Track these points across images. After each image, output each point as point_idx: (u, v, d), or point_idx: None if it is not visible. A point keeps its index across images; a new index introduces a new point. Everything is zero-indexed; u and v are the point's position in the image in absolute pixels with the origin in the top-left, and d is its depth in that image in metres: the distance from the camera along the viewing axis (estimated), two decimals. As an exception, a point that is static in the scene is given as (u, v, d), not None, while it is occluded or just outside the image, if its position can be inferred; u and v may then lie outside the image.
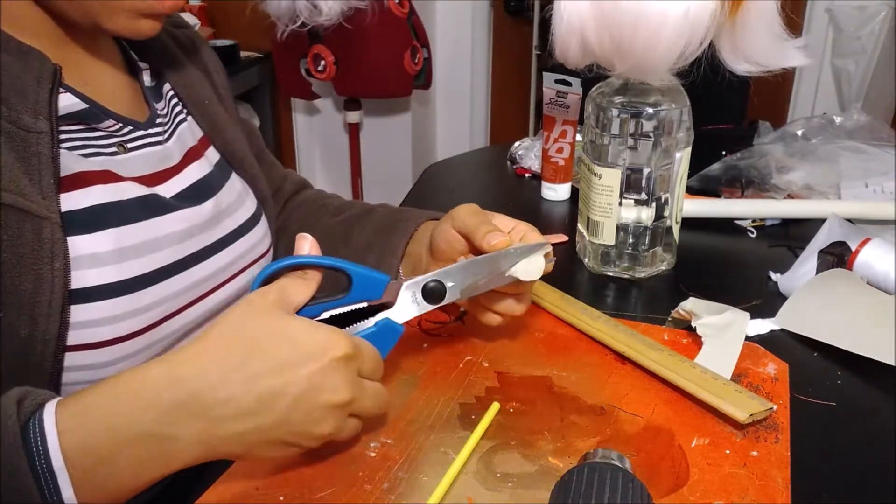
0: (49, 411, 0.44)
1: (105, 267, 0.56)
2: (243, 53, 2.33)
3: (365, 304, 0.55)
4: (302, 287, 0.52)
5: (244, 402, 0.46)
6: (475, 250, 0.62)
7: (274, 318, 0.49)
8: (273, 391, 0.46)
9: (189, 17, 2.19)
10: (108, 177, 0.59)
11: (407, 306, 0.57)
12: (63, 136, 0.58)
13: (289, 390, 0.47)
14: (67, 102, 0.58)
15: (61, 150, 0.56)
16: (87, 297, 0.55)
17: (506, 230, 0.63)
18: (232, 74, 2.18)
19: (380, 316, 0.56)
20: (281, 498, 0.51)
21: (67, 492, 0.43)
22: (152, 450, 0.45)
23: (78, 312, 0.54)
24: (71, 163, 0.57)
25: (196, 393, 0.45)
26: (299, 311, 0.52)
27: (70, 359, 0.55)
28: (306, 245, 0.55)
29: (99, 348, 0.55)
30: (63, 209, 0.54)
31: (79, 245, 0.55)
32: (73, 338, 0.54)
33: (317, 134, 2.62)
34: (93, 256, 0.55)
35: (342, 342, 0.49)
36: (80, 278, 0.54)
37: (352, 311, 0.55)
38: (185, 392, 0.45)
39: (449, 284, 0.58)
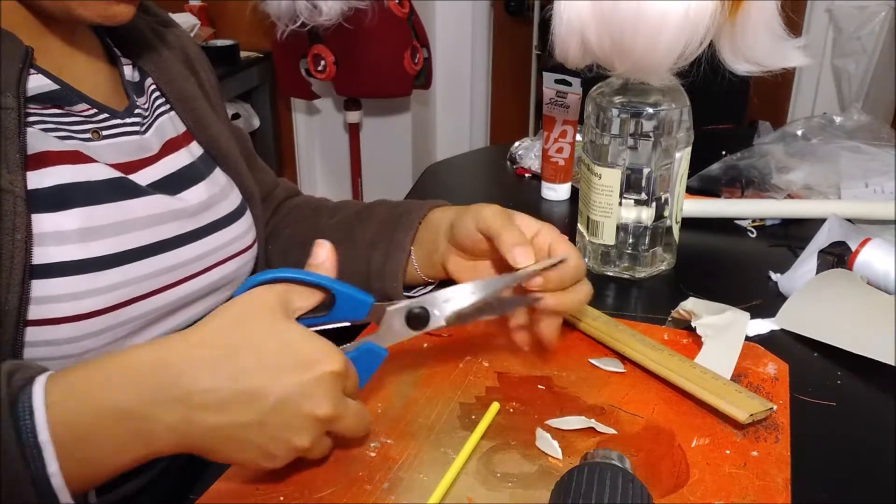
0: (39, 385, 0.44)
1: (68, 245, 0.56)
2: (243, 53, 2.33)
3: (348, 324, 0.54)
4: (306, 294, 0.52)
5: (225, 395, 0.46)
6: (497, 254, 0.61)
7: (273, 320, 0.48)
8: (257, 390, 0.46)
9: (189, 18, 2.19)
10: (77, 157, 0.59)
11: (391, 331, 0.55)
12: (35, 118, 0.57)
13: (273, 392, 0.46)
14: (38, 83, 0.58)
15: (32, 130, 0.56)
16: (48, 273, 0.55)
17: (529, 234, 0.61)
18: (232, 74, 2.21)
19: (362, 339, 0.55)
20: (281, 498, 0.51)
21: (53, 466, 0.43)
22: (131, 429, 0.45)
23: (39, 287, 0.54)
24: (41, 142, 0.57)
25: (179, 377, 0.45)
26: None
27: (31, 333, 0.55)
28: (322, 252, 0.54)
29: (60, 324, 0.55)
30: (30, 187, 0.54)
31: (43, 222, 0.55)
32: (33, 312, 0.54)
33: (317, 134, 2.62)
34: (57, 234, 0.55)
35: (337, 357, 0.49)
36: (43, 254, 0.54)
37: (335, 329, 0.54)
38: (169, 376, 0.45)
39: (435, 312, 0.56)
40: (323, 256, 0.54)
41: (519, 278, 0.58)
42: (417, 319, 0.56)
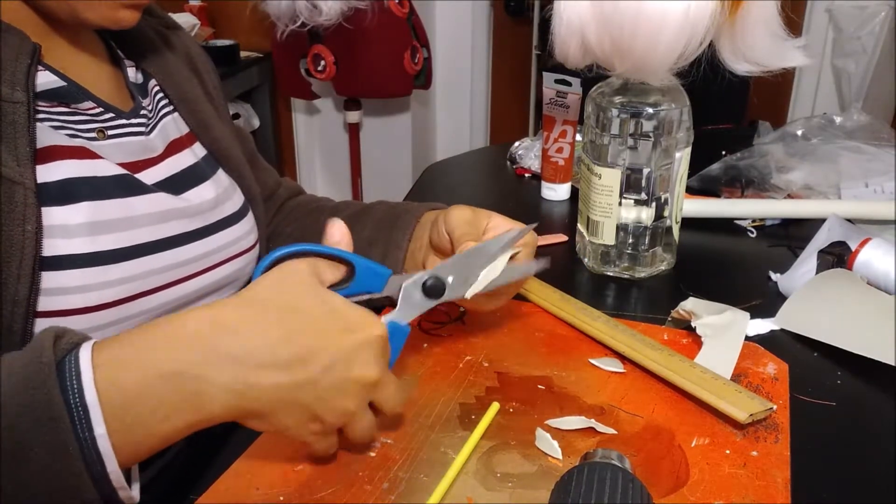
0: (86, 349, 0.45)
1: (76, 238, 0.56)
2: (243, 53, 2.33)
3: (366, 297, 0.56)
4: (332, 267, 0.54)
5: (281, 354, 0.47)
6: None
7: (313, 286, 0.50)
8: (310, 350, 0.47)
9: (189, 17, 2.19)
10: (84, 153, 0.59)
11: (409, 306, 0.57)
12: (42, 115, 0.58)
13: (325, 353, 0.48)
14: (46, 80, 0.59)
15: (40, 125, 0.57)
16: (57, 265, 0.55)
17: (500, 232, 0.63)
18: (232, 74, 2.21)
19: (383, 319, 0.56)
20: (281, 498, 0.51)
21: (100, 428, 0.43)
22: (184, 390, 0.45)
23: (48, 279, 0.54)
24: (48, 137, 0.57)
25: (234, 336, 0.46)
26: None
27: (41, 325, 0.55)
28: (337, 231, 0.56)
29: (68, 316, 0.56)
30: (38, 180, 0.55)
31: (52, 215, 0.55)
32: (44, 303, 0.54)
33: (317, 134, 2.62)
34: (64, 227, 0.56)
35: (380, 323, 0.50)
36: (51, 247, 0.55)
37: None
38: (223, 334, 0.46)
39: (449, 280, 0.58)
40: (338, 235, 0.56)
41: (507, 241, 0.60)
42: (434, 289, 0.57)
